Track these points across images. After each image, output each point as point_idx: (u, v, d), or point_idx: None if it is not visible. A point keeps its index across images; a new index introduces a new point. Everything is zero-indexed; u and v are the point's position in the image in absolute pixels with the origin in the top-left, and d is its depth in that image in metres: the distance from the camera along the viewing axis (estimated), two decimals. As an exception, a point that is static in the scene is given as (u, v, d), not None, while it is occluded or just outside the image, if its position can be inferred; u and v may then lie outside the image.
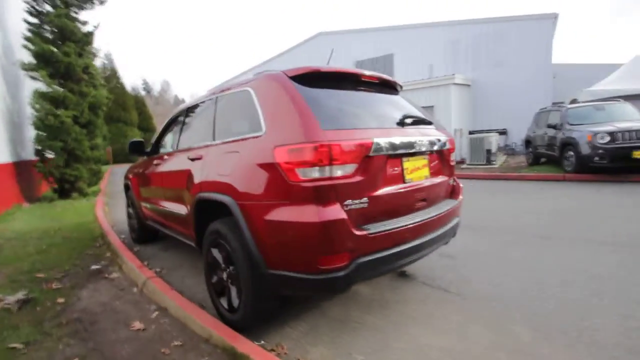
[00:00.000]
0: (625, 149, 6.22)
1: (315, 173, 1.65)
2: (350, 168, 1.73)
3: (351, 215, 1.70)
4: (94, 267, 3.49)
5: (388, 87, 2.51)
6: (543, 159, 9.40)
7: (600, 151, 6.45)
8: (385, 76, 2.40)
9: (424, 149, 2.14)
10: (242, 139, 2.04)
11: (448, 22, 16.02)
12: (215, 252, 2.28)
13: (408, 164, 2.05)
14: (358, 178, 1.75)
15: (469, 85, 15.06)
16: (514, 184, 7.47)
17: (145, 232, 4.24)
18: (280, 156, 1.72)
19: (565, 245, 3.41)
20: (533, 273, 2.83)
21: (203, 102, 2.80)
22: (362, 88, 2.29)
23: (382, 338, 2.05)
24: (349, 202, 1.72)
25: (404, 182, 2.02)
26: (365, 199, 1.78)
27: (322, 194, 1.66)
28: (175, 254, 3.88)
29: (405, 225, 1.92)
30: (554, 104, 13.10)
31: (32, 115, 6.77)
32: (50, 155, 6.97)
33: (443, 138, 2.38)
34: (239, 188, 1.92)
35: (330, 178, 1.67)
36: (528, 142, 10.10)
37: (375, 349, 1.94)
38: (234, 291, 2.14)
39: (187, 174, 2.58)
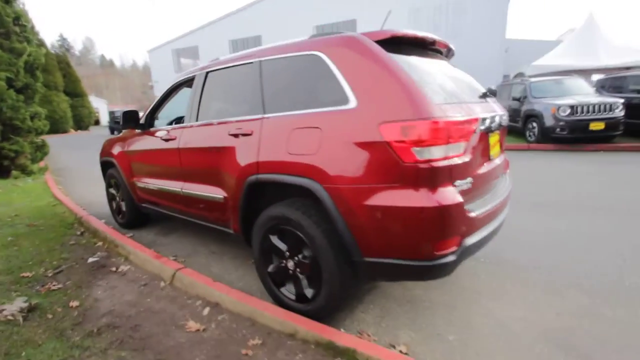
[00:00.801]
0: (584, 121, 6.91)
1: (432, 152, 1.51)
2: (462, 146, 1.61)
3: (462, 196, 1.61)
4: (91, 259, 3.01)
5: (445, 54, 2.36)
6: (502, 130, 10.12)
7: (562, 123, 7.10)
8: (449, 43, 2.25)
9: (500, 124, 2.08)
10: (322, 113, 1.78)
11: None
12: (275, 240, 2.06)
13: (491, 140, 1.98)
14: (466, 157, 1.65)
15: (430, 56, 15.37)
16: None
17: (137, 216, 3.74)
18: (390, 134, 1.53)
19: (566, 211, 3.72)
20: (553, 238, 3.06)
21: (233, 66, 2.40)
22: (431, 55, 2.12)
23: (459, 315, 2.06)
24: (458, 182, 1.62)
25: (489, 159, 1.96)
26: (469, 179, 1.69)
27: (439, 175, 1.53)
28: (180, 238, 3.50)
29: (495, 204, 1.89)
30: (504, 77, 14.05)
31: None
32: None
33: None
34: (328, 170, 1.70)
35: (446, 157, 1.54)
36: (489, 114, 10.74)
37: (460, 327, 1.95)
38: (304, 281, 1.97)
39: (228, 153, 2.24)
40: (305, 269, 1.94)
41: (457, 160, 1.59)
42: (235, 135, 2.20)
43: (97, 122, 35.61)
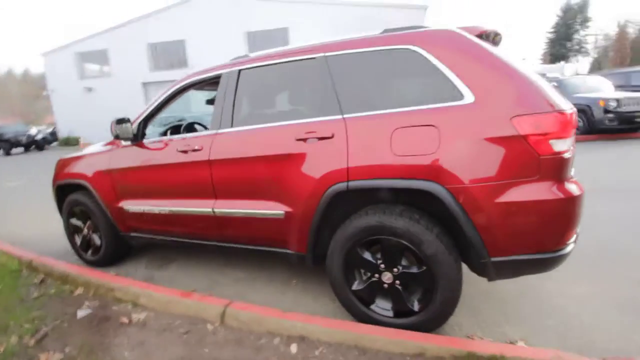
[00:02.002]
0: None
1: (563, 144, 1.54)
2: (574, 138, 1.67)
3: None
4: (81, 313, 2.31)
5: None
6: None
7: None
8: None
9: None
10: (434, 109, 1.66)
11: (336, 1, 16.54)
12: (365, 253, 1.86)
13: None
14: (574, 148, 1.72)
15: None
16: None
17: (118, 249, 3.04)
18: (526, 127, 1.50)
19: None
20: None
21: (282, 62, 2.10)
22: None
23: (537, 301, 2.13)
24: (572, 172, 1.68)
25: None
26: (573, 169, 1.76)
27: (567, 166, 1.58)
28: (183, 269, 2.93)
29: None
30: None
31: None
32: None
33: None
34: (452, 169, 1.58)
35: (570, 149, 1.59)
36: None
37: (550, 312, 2.01)
38: (405, 294, 1.81)
39: (295, 160, 1.93)
40: (411, 280, 1.78)
41: (574, 150, 1.65)
42: (304, 140, 1.93)
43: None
